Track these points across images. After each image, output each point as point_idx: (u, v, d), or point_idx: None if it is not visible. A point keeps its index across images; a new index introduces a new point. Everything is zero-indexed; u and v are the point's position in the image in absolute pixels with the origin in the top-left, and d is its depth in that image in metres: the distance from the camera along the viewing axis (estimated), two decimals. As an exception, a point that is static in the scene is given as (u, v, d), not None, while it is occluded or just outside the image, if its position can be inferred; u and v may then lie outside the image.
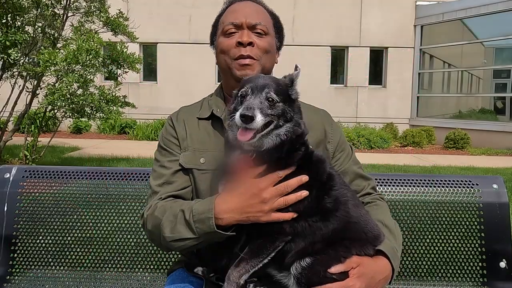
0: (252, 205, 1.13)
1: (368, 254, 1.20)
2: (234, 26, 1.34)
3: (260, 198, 1.12)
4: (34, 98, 6.73)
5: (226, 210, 1.15)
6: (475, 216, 1.76)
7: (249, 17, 1.34)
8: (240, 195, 1.14)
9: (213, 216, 1.15)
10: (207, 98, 1.48)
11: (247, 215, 1.14)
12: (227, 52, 1.35)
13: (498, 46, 12.53)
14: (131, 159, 7.94)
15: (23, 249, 1.77)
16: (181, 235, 1.20)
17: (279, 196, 1.12)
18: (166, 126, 1.43)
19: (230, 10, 1.39)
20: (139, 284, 1.73)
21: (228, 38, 1.35)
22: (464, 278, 1.73)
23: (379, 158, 8.83)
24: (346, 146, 1.48)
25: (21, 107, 6.71)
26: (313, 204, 1.16)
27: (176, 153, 1.36)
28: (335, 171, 1.29)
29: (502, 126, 11.46)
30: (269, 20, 1.40)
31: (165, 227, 1.22)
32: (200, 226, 1.17)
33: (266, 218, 1.12)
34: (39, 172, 1.85)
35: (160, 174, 1.35)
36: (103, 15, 6.83)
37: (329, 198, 1.18)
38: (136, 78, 12.57)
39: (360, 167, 1.48)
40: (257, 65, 1.33)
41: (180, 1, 13.16)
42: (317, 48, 12.92)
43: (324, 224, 1.16)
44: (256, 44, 1.33)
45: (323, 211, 1.16)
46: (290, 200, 1.13)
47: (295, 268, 1.15)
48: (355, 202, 1.25)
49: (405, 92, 13.48)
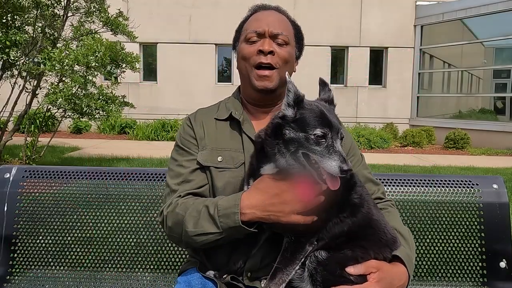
0: (273, 204, 1.16)
1: (385, 256, 1.21)
2: (256, 34, 1.38)
3: (281, 198, 1.15)
4: (34, 98, 6.73)
5: (249, 205, 1.19)
6: (475, 216, 1.76)
7: (271, 26, 1.37)
8: (264, 193, 1.18)
9: (239, 211, 1.18)
10: (224, 101, 1.53)
11: (268, 213, 1.17)
12: (248, 59, 1.39)
13: (498, 46, 12.53)
14: (131, 159, 7.94)
15: (23, 249, 1.77)
16: (204, 230, 1.23)
17: (301, 201, 1.15)
18: (184, 126, 1.48)
19: (254, 18, 1.42)
20: (139, 284, 1.73)
21: (250, 46, 1.39)
22: (464, 278, 1.73)
23: (379, 158, 8.83)
24: (357, 151, 1.52)
25: (21, 107, 6.71)
26: (344, 199, 1.18)
27: (194, 152, 1.41)
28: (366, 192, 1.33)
29: (502, 126, 11.46)
30: (290, 30, 1.44)
31: (188, 222, 1.26)
32: (224, 220, 1.20)
33: (287, 219, 1.16)
34: (39, 172, 1.85)
35: (178, 173, 1.39)
36: (103, 15, 6.83)
37: (356, 194, 1.21)
38: (136, 78, 12.57)
39: (370, 173, 1.51)
40: (276, 75, 1.37)
41: (180, 1, 13.16)
42: (317, 48, 12.91)
43: (351, 220, 1.18)
44: (276, 53, 1.36)
45: (351, 206, 1.20)
46: (311, 204, 1.15)
47: (310, 261, 1.17)
48: (373, 202, 1.29)
49: (405, 92, 13.48)
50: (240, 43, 1.44)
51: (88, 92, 6.30)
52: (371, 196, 1.39)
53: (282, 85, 1.38)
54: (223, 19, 12.57)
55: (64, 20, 6.88)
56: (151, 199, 1.80)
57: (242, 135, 1.40)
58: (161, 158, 7.96)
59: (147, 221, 1.79)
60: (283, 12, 1.47)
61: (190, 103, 12.58)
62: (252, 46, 1.38)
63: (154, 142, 11.33)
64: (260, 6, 1.47)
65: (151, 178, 1.83)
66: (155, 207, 1.80)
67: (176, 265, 1.77)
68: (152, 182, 1.82)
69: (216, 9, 12.95)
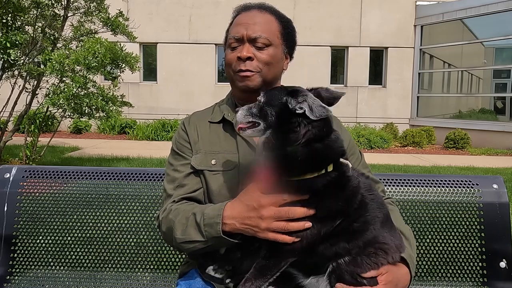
0: (250, 218, 1.14)
1: (396, 260, 1.19)
2: (235, 40, 1.37)
3: (259, 213, 1.13)
4: (34, 98, 6.73)
5: (230, 216, 1.18)
6: (475, 216, 1.76)
7: (250, 29, 1.35)
8: (244, 205, 1.17)
9: (221, 221, 1.18)
10: (219, 103, 1.53)
11: (245, 226, 1.15)
12: (230, 65, 1.40)
13: (498, 46, 12.52)
14: (131, 159, 7.94)
15: (23, 249, 1.77)
16: (191, 238, 1.24)
17: (279, 219, 1.11)
18: (179, 130, 1.48)
19: (235, 23, 1.41)
20: (139, 284, 1.73)
21: (232, 52, 1.39)
22: (464, 278, 1.73)
23: (379, 158, 8.83)
24: (356, 150, 1.51)
25: (21, 107, 6.71)
26: (338, 229, 1.11)
27: (188, 156, 1.41)
28: (373, 194, 1.20)
29: (502, 126, 11.45)
30: (274, 29, 1.38)
31: (177, 229, 1.26)
32: (208, 230, 1.20)
33: (263, 235, 1.13)
34: (39, 172, 1.85)
35: (173, 177, 1.40)
36: (103, 15, 6.83)
37: (357, 223, 1.13)
38: (136, 78, 12.56)
39: (369, 171, 1.50)
40: (257, 77, 1.36)
41: (180, 1, 13.16)
42: (317, 48, 12.91)
43: (350, 244, 1.12)
44: (256, 58, 1.35)
45: (349, 233, 1.12)
46: (291, 227, 1.10)
47: (331, 267, 1.13)
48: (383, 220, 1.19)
49: (405, 92, 13.48)
50: (226, 48, 1.44)
51: (88, 92, 6.30)
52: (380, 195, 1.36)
53: (267, 85, 1.37)
54: (223, 19, 12.46)
55: (64, 20, 6.88)
56: (151, 199, 1.81)
57: (236, 137, 1.40)
58: (161, 158, 7.96)
59: (147, 221, 1.79)
60: (266, 9, 1.41)
61: (190, 103, 12.60)
62: (233, 52, 1.38)
63: (154, 142, 11.33)
64: (242, 7, 1.43)
65: (151, 178, 1.83)
66: (155, 207, 1.80)
67: (176, 265, 1.77)
68: (152, 182, 1.82)
69: (216, 9, 12.94)
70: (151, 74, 13.73)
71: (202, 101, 8.18)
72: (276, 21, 1.40)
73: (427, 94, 13.79)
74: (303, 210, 1.09)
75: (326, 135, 1.09)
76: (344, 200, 1.11)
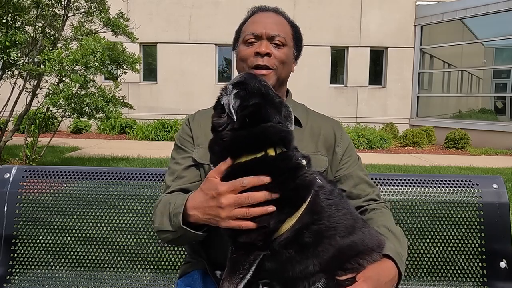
0: (211, 207, 1.10)
1: (375, 259, 1.17)
2: (254, 36, 1.40)
3: (218, 202, 1.07)
4: (34, 98, 6.73)
5: (192, 206, 1.15)
6: (475, 216, 1.75)
7: (269, 28, 1.39)
8: (203, 194, 1.13)
9: (182, 212, 1.16)
10: None
11: (208, 217, 1.11)
12: (246, 61, 1.40)
13: (498, 46, 12.52)
14: (131, 159, 7.94)
15: (23, 249, 1.77)
16: (164, 227, 1.23)
17: (239, 205, 1.06)
18: (183, 125, 1.50)
19: (252, 20, 1.44)
20: (139, 284, 1.73)
21: (248, 47, 1.40)
22: (464, 278, 1.73)
23: (379, 158, 8.83)
24: (353, 153, 1.52)
25: (21, 107, 6.71)
26: (289, 235, 1.07)
27: (190, 150, 1.43)
28: (334, 199, 1.15)
29: (502, 126, 11.45)
30: (288, 32, 1.45)
31: (156, 218, 1.27)
32: (175, 220, 1.18)
33: (225, 224, 1.08)
34: (39, 172, 1.85)
35: (173, 170, 1.41)
36: (104, 15, 6.83)
37: (308, 232, 1.07)
38: (136, 78, 12.56)
39: (365, 174, 1.50)
40: (273, 75, 1.39)
41: (180, 1, 13.16)
42: (317, 48, 12.91)
43: (300, 256, 1.08)
44: (273, 55, 1.38)
45: (300, 245, 1.08)
46: (253, 212, 1.05)
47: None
48: (350, 225, 1.15)
49: (405, 92, 13.48)
50: (239, 45, 1.46)
51: (88, 92, 6.31)
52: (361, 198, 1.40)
53: (280, 85, 1.42)
54: (223, 19, 12.56)
55: (64, 20, 6.88)
56: (151, 199, 1.80)
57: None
58: (161, 158, 7.96)
59: (147, 221, 1.79)
60: (281, 13, 1.48)
61: (190, 103, 12.60)
62: (250, 48, 1.40)
63: (154, 142, 11.33)
64: (259, 7, 1.49)
65: (151, 178, 1.83)
66: (155, 207, 1.80)
67: (176, 265, 1.77)
68: (152, 182, 1.82)
69: (216, 9, 12.94)
70: (151, 74, 13.74)
71: (202, 101, 8.19)
72: (289, 25, 1.47)
73: (427, 94, 13.80)
74: (263, 193, 1.05)
75: (251, 124, 1.10)
76: (292, 194, 1.08)
